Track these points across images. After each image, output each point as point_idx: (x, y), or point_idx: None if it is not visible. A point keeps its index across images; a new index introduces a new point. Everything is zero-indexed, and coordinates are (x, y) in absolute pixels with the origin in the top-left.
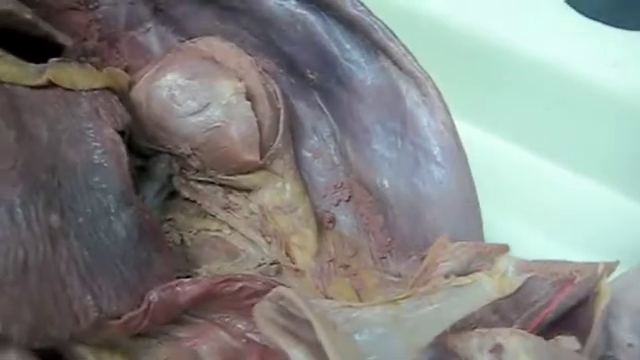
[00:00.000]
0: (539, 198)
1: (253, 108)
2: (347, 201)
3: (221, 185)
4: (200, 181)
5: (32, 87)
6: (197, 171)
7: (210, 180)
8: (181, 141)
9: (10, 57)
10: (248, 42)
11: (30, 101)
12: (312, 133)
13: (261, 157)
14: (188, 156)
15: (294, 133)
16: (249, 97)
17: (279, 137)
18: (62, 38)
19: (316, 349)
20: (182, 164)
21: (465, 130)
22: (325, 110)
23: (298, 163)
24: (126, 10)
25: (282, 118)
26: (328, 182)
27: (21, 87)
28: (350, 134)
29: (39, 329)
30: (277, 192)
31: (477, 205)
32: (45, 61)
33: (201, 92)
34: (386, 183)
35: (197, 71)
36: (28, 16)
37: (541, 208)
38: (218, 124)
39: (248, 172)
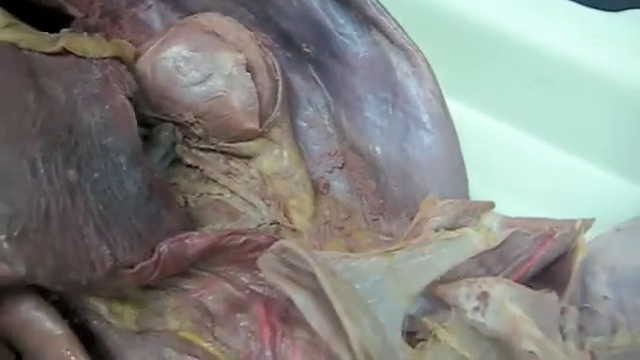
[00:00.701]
0: (523, 172)
1: (253, 79)
2: (341, 168)
3: (222, 152)
4: (202, 149)
5: (48, 54)
6: (199, 139)
7: (212, 148)
8: (185, 110)
9: (24, 26)
10: (246, 18)
11: (47, 66)
12: (307, 104)
13: (260, 125)
14: (191, 124)
15: (290, 104)
16: (249, 69)
17: (277, 106)
18: (72, 10)
19: (318, 295)
20: (185, 132)
21: (450, 106)
22: (319, 82)
23: (294, 132)
24: None
25: (280, 89)
26: (322, 150)
27: (38, 54)
28: (344, 103)
29: (60, 274)
30: (275, 159)
31: (464, 169)
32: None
33: (204, 63)
34: (378, 149)
35: (200, 44)
36: None
37: (524, 180)
38: (220, 94)
39: (248, 140)
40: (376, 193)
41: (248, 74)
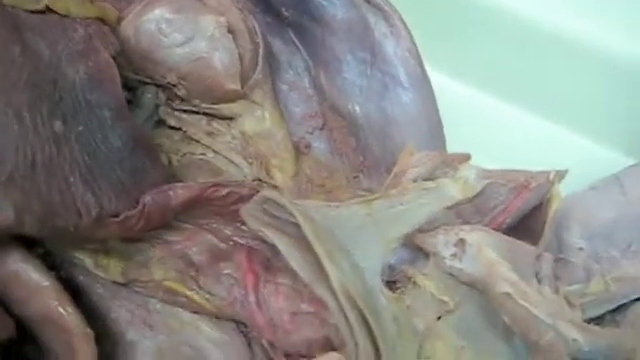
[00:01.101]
0: (507, 143)
1: (234, 41)
2: (321, 129)
3: (204, 114)
4: (185, 110)
5: (31, 12)
6: (182, 100)
7: (194, 109)
8: (167, 71)
9: None
10: None
11: (31, 23)
12: (288, 68)
13: (242, 86)
14: (174, 86)
15: (271, 68)
16: (230, 31)
17: (259, 68)
18: None
19: (301, 243)
20: (168, 94)
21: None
22: (299, 46)
23: (275, 95)
24: None
25: (261, 52)
26: (303, 112)
27: (21, 11)
28: (323, 65)
29: (47, 220)
30: (257, 120)
31: (441, 127)
32: None
33: (187, 25)
34: (357, 108)
35: (182, 6)
36: None
37: (507, 152)
38: (202, 55)
39: (230, 101)
40: (356, 151)
41: (230, 36)
